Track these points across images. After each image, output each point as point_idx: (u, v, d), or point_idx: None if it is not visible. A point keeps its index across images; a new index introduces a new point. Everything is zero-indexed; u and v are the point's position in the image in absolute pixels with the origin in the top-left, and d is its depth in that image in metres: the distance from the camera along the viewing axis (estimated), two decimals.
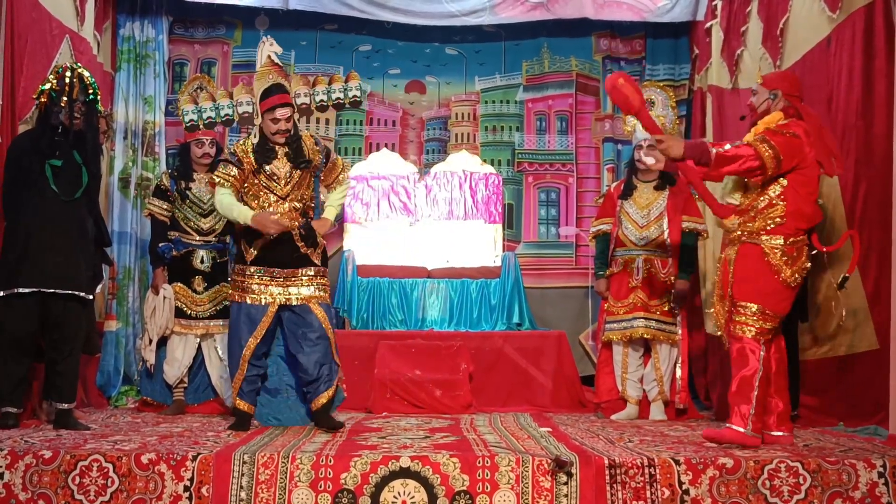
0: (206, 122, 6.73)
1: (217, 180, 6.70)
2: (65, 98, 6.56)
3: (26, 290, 6.47)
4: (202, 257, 8.13)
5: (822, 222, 6.40)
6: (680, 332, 8.04)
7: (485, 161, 10.45)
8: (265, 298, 6.67)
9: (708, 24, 9.44)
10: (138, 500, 5.06)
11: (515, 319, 9.87)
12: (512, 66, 10.64)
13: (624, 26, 10.35)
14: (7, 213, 6.65)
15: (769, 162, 5.83)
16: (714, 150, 5.90)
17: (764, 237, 5.95)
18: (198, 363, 8.22)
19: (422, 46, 10.61)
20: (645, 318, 8.00)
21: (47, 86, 6.62)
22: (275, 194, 6.70)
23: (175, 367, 8.07)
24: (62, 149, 6.59)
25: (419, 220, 10.28)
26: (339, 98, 7.19)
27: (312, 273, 6.80)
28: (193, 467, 5.09)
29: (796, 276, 5.95)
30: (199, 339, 8.14)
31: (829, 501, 5.09)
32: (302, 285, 6.73)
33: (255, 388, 6.86)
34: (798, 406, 7.21)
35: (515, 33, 10.50)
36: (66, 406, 6.61)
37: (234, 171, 6.67)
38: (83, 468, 5.10)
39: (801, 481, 5.11)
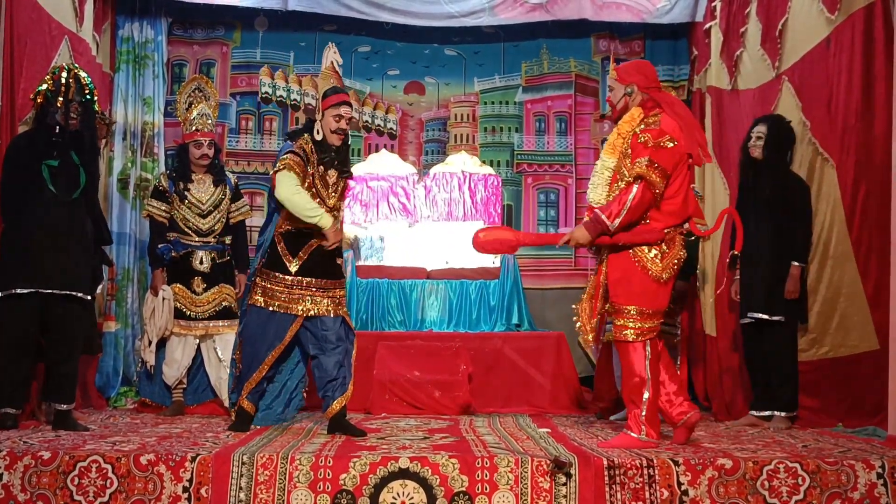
0: (278, 98, 6.64)
1: (284, 167, 6.44)
2: (61, 98, 6.55)
3: (25, 291, 6.47)
4: (201, 258, 8.12)
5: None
6: (679, 333, 8.02)
7: (484, 162, 10.46)
8: (300, 309, 6.57)
9: (707, 26, 9.44)
10: (137, 500, 5.05)
11: (514, 320, 9.87)
12: (511, 67, 10.64)
13: (623, 27, 10.35)
14: (5, 213, 6.64)
15: (661, 185, 5.81)
16: (608, 222, 5.83)
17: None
18: (197, 364, 8.21)
19: (421, 47, 10.61)
20: None
21: (44, 86, 6.62)
22: (325, 204, 6.61)
23: (174, 368, 8.07)
24: (59, 149, 6.57)
25: (418, 220, 10.28)
26: (379, 125, 7.14)
27: (344, 289, 6.85)
28: (192, 468, 5.09)
29: (670, 268, 5.92)
30: (198, 340, 8.14)
31: (827, 502, 5.09)
32: (332, 298, 6.64)
33: (262, 389, 6.83)
34: (797, 407, 7.22)
35: (514, 34, 10.50)
36: (65, 407, 6.61)
37: (302, 164, 6.50)
38: (82, 469, 5.10)
39: (800, 482, 5.11)
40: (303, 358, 6.98)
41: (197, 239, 8.12)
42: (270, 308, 6.58)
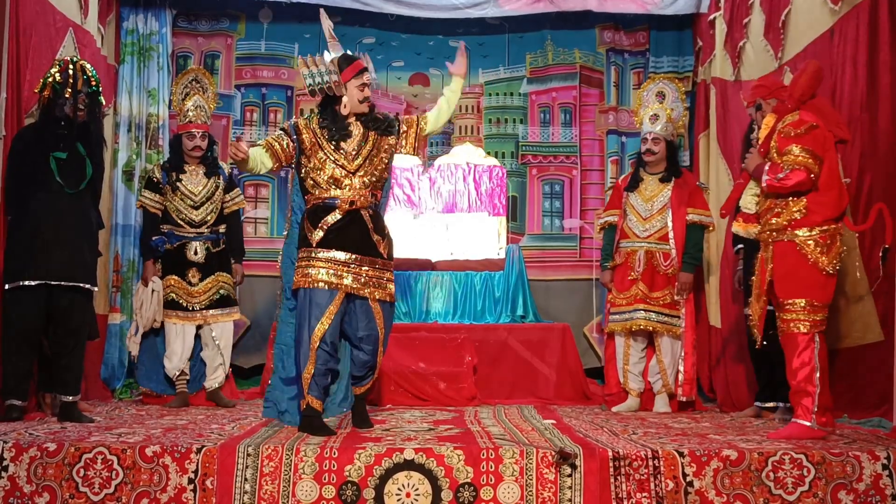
0: (324, 86, 6.40)
1: (260, 142, 6.38)
2: (69, 90, 6.57)
3: (33, 283, 6.50)
4: (195, 249, 8.19)
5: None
6: (683, 324, 8.03)
7: (489, 153, 10.45)
8: (332, 282, 6.14)
9: (711, 17, 9.42)
10: (143, 492, 5.07)
11: (519, 312, 9.87)
12: (516, 58, 10.63)
13: (627, 19, 10.33)
14: (11, 206, 6.67)
15: (815, 167, 5.95)
16: (766, 179, 6.05)
17: (797, 231, 6.00)
18: (197, 353, 8.27)
19: (425, 39, 10.59)
20: (645, 310, 8.03)
21: (50, 78, 6.63)
22: (344, 169, 6.28)
23: (175, 360, 8.12)
24: (66, 141, 6.60)
25: (423, 212, 10.28)
26: None
27: (379, 266, 6.35)
28: (198, 460, 5.10)
29: (834, 262, 6.00)
30: (195, 330, 8.19)
31: (833, 493, 5.09)
32: (366, 277, 6.25)
33: (326, 383, 6.25)
34: None
35: (519, 25, 10.49)
36: (70, 399, 6.63)
37: (285, 139, 6.35)
38: (88, 461, 5.11)
39: (806, 473, 5.11)
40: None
41: (190, 230, 8.18)
42: (301, 285, 6.22)
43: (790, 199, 6.03)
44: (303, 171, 6.37)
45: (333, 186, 6.28)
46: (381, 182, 6.50)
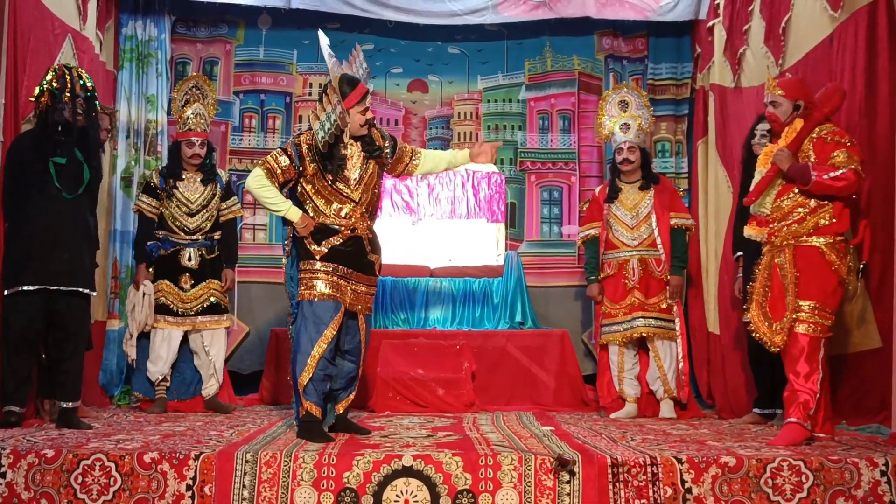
0: (328, 132, 6.32)
1: (263, 163, 6.33)
2: (67, 94, 6.59)
3: (32, 288, 6.50)
4: (189, 255, 8.20)
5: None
6: (678, 327, 8.08)
7: None
8: (335, 296, 6.27)
9: (710, 23, 9.44)
10: (141, 499, 5.06)
11: (518, 318, 9.87)
12: (514, 64, 10.63)
13: (626, 25, 10.34)
14: (9, 212, 6.67)
15: (862, 176, 6.07)
16: (814, 175, 6.00)
17: (821, 238, 6.05)
18: (185, 360, 8.31)
19: (424, 45, 10.58)
20: (644, 317, 8.08)
21: (46, 85, 6.64)
22: (349, 199, 6.37)
23: (159, 365, 8.13)
24: (64, 146, 6.61)
25: (422, 219, 10.25)
26: None
27: (371, 284, 6.58)
28: (196, 466, 5.09)
29: (848, 271, 6.06)
30: (182, 335, 8.23)
31: (831, 500, 5.09)
32: (359, 294, 6.45)
33: (325, 389, 6.37)
34: None
35: (518, 32, 10.49)
36: (70, 405, 6.63)
37: (286, 162, 6.31)
38: (86, 467, 5.11)
39: (804, 480, 5.10)
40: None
41: (185, 237, 8.20)
42: (305, 297, 6.30)
43: (817, 205, 6.07)
44: (298, 191, 6.46)
45: (335, 215, 6.39)
46: (377, 206, 6.70)
